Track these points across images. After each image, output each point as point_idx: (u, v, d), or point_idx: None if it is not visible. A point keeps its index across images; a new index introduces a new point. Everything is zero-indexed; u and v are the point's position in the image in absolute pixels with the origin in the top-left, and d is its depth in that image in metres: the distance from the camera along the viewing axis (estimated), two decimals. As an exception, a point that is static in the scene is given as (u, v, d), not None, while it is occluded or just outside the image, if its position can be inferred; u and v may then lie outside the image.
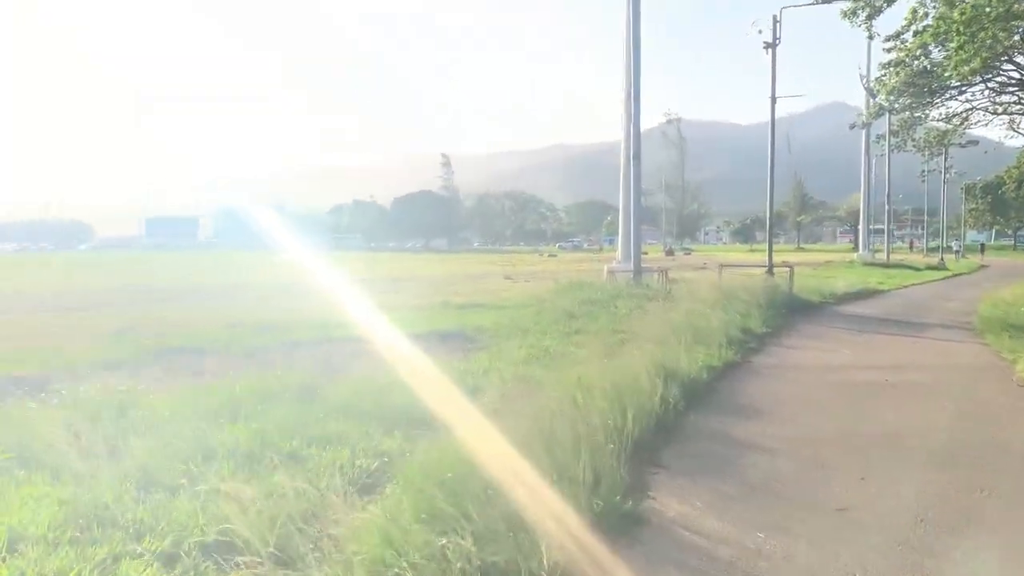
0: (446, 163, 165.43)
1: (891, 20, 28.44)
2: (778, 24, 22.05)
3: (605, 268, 24.93)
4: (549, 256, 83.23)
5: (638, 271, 22.03)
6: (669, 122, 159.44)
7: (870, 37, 24.23)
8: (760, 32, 22.13)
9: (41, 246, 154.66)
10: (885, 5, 21.86)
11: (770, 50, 22.09)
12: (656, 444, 6.83)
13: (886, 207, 56.30)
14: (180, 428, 6.32)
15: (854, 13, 22.14)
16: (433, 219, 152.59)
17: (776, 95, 22.68)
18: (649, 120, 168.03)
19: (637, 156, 21.73)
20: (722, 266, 24.12)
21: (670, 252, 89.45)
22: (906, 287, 31.08)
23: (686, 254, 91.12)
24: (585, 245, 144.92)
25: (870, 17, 22.28)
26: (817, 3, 21.11)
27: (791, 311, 18.71)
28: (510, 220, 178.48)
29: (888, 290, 28.67)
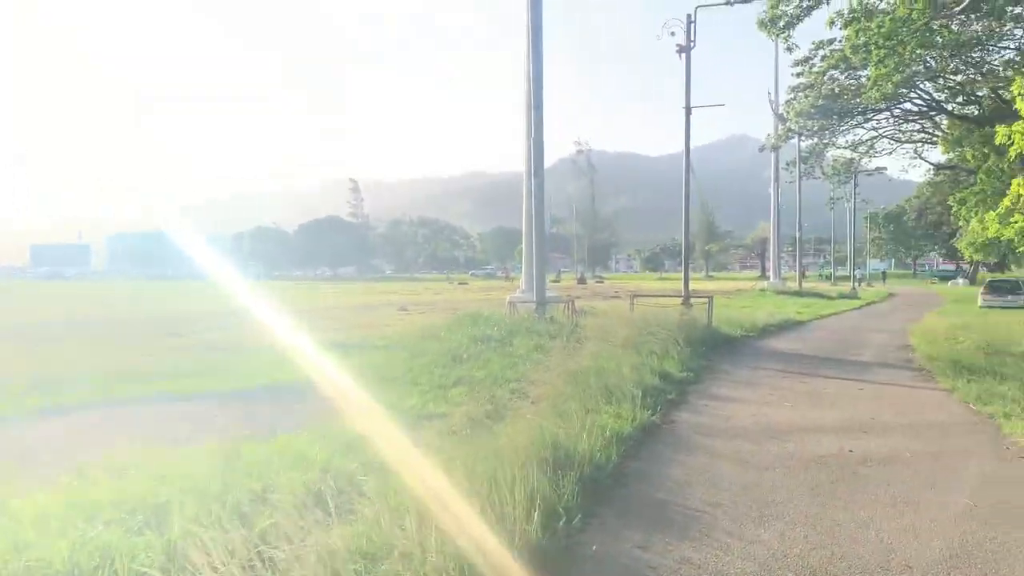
0: (355, 188, 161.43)
1: (803, 40, 27.11)
2: (692, 26, 20.07)
3: (508, 298, 22.25)
4: (459, 284, 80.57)
5: (542, 302, 19.42)
6: (580, 151, 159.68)
7: (788, 49, 22.61)
8: (673, 34, 20.09)
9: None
10: (803, 14, 20.15)
11: (684, 55, 20.07)
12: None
13: (797, 235, 55.93)
14: None
15: (772, 21, 20.39)
16: (341, 246, 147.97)
17: (691, 105, 20.63)
18: (561, 150, 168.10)
19: (539, 173, 19.23)
20: (634, 296, 21.77)
21: (582, 280, 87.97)
22: (825, 317, 29.53)
23: (598, 282, 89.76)
24: (498, 273, 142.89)
25: (787, 27, 20.56)
26: (732, 3, 19.21)
27: (713, 348, 16.39)
28: (423, 247, 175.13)
29: (808, 321, 26.96)
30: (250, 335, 16.92)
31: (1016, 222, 20.62)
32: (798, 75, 44.04)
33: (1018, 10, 34.88)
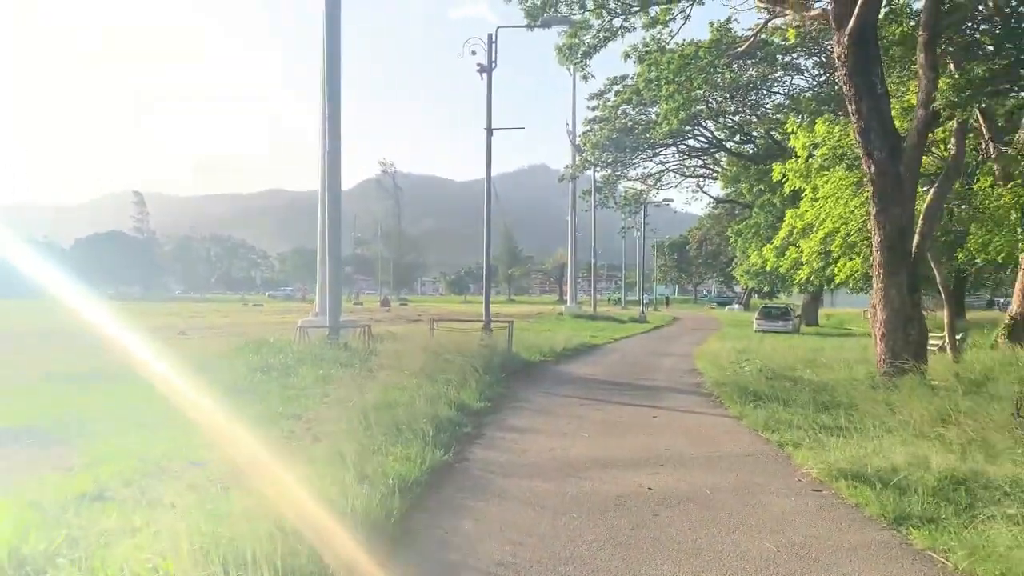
0: (139, 202, 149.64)
1: (599, 73, 27.95)
2: (493, 46, 19.86)
3: (298, 323, 20.74)
4: (254, 306, 76.28)
5: (335, 327, 18.16)
6: (385, 172, 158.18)
7: (584, 78, 23.03)
8: (474, 53, 19.76)
9: None
10: (600, 45, 20.51)
11: (485, 75, 19.79)
12: None
13: (592, 262, 57.94)
14: None
15: (570, 49, 20.59)
16: (124, 263, 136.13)
17: (492, 127, 20.36)
18: (367, 171, 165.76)
19: (335, 187, 18.05)
20: (434, 321, 21.05)
21: (386, 303, 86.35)
22: (618, 340, 30.41)
23: (403, 305, 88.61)
24: (298, 294, 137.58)
25: (585, 56, 20.86)
26: (532, 28, 19.15)
27: (513, 374, 15.96)
28: (216, 266, 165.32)
29: (603, 344, 27.55)
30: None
31: (790, 255, 22.15)
32: (594, 108, 45.91)
33: (788, 58, 38.29)
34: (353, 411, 9.31)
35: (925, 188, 16.72)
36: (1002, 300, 61.65)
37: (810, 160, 19.91)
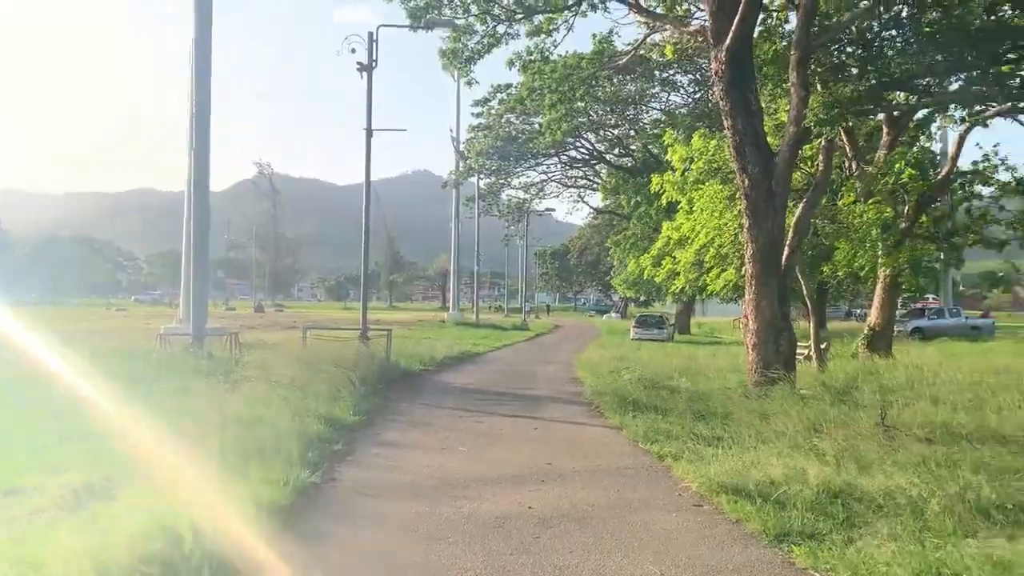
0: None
1: (483, 79, 27.71)
2: (375, 44, 19.25)
3: (159, 331, 19.39)
4: (118, 310, 71.88)
5: (200, 335, 17.03)
6: (261, 172, 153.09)
7: (469, 84, 22.82)
8: (354, 51, 19.09)
9: None
10: (484, 50, 20.29)
11: (365, 74, 19.16)
12: None
13: (476, 269, 57.77)
14: None
15: (454, 53, 20.27)
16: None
17: (372, 128, 19.71)
18: (243, 172, 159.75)
19: (202, 184, 16.95)
20: (307, 328, 20.16)
21: (260, 309, 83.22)
22: (501, 348, 30.24)
23: (278, 311, 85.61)
24: (167, 299, 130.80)
25: (469, 61, 20.60)
26: (414, 29, 18.70)
27: (390, 385, 15.38)
28: (79, 269, 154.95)
29: (485, 352, 27.29)
30: None
31: (666, 265, 22.58)
32: (478, 115, 45.86)
33: (665, 75, 39.41)
34: (211, 428, 8.55)
35: (794, 203, 17.31)
36: (859, 311, 65.62)
37: (686, 173, 20.35)
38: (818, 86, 16.83)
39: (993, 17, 14.84)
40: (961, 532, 5.64)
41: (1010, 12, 15.48)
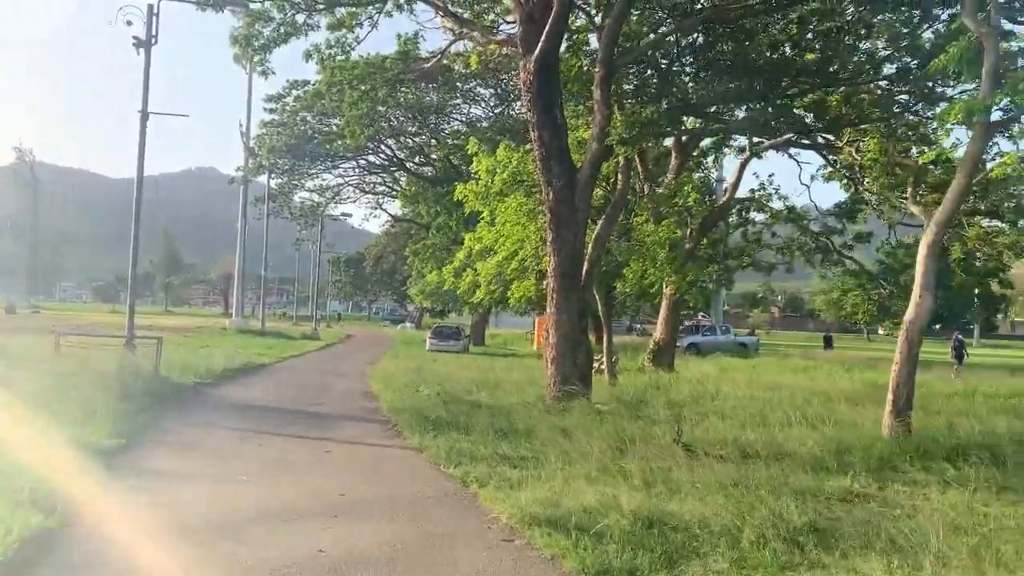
0: None
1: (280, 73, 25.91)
2: (155, 18, 17.23)
3: None
4: None
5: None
6: (20, 159, 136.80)
7: (264, 74, 21.15)
8: (130, 24, 16.97)
9: None
10: (280, 39, 18.86)
11: (143, 51, 17.10)
12: None
13: (263, 273, 54.84)
14: None
15: (247, 40, 18.66)
16: None
17: (148, 110, 17.62)
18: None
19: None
20: (62, 334, 17.62)
21: (12, 310, 73.79)
22: (289, 359, 28.46)
23: (34, 312, 76.33)
24: None
25: (263, 49, 19.07)
26: (202, 7, 16.99)
27: (160, 401, 13.59)
28: None
29: (272, 363, 25.50)
30: None
31: (467, 277, 22.22)
32: (272, 111, 43.42)
33: (468, 86, 39.42)
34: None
35: (593, 220, 17.53)
36: (638, 326, 69.47)
37: (490, 184, 20.09)
38: (616, 107, 17.18)
39: (775, 55, 15.80)
40: (777, 564, 5.48)
41: (790, 51, 16.59)
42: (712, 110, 17.48)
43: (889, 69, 17.15)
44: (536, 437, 10.80)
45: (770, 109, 15.89)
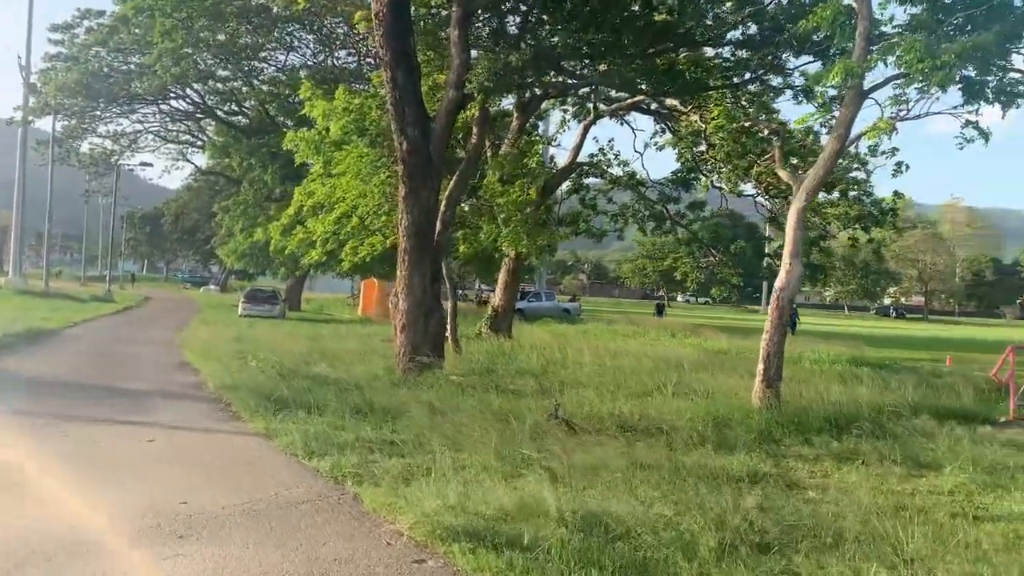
0: None
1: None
2: None
3: None
4: None
5: None
6: None
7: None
8: None
9: None
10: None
11: None
12: None
13: (47, 228, 48.78)
14: None
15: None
16: None
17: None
18: None
19: None
20: None
21: None
22: (81, 324, 24.93)
23: None
24: None
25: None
26: None
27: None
28: None
29: (62, 329, 22.12)
30: None
31: (297, 235, 20.14)
32: (58, 43, 37.90)
33: (291, 28, 36.15)
34: None
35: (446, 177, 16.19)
36: (463, 292, 68.73)
37: (327, 133, 18.14)
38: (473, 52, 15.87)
39: (645, 12, 15.11)
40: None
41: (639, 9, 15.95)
42: (571, 65, 16.60)
43: (735, 35, 17.12)
44: (401, 416, 9.49)
45: (634, 64, 15.22)
